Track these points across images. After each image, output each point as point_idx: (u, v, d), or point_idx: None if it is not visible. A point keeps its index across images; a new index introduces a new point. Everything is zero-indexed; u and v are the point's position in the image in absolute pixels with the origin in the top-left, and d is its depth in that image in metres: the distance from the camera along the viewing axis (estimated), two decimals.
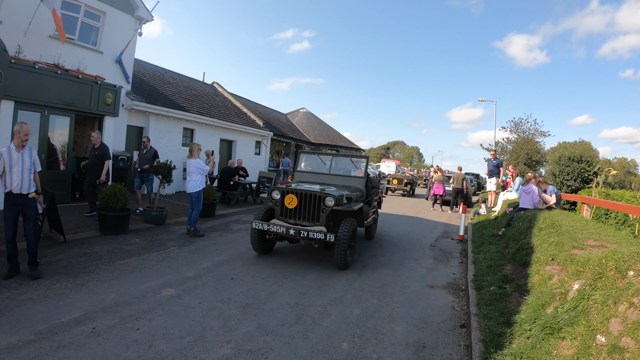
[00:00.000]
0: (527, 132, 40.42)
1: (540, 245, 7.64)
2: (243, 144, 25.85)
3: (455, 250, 11.55)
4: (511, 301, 6.18)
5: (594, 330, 3.92)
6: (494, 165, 19.39)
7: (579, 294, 4.66)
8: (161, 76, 23.32)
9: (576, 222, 8.90)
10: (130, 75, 16.58)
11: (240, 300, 6.34)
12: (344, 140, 42.39)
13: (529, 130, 40.36)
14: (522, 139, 40.24)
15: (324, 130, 42.41)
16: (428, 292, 7.60)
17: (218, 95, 28.86)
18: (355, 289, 7.37)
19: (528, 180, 12.20)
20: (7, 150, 6.63)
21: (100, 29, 15.19)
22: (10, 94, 11.31)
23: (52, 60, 12.64)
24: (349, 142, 42.62)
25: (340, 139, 41.95)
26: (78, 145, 14.92)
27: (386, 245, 11.54)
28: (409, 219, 17.56)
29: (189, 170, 10.80)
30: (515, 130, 41.13)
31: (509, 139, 41.45)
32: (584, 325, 4.07)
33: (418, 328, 5.82)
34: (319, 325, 5.64)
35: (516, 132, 41.08)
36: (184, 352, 4.61)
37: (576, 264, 5.50)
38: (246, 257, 9.11)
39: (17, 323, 4.96)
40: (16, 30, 12.03)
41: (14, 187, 6.58)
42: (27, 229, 6.82)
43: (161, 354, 4.52)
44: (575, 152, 24.49)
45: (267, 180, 18.44)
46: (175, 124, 19.33)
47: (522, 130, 40.79)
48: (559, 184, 22.01)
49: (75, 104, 13.24)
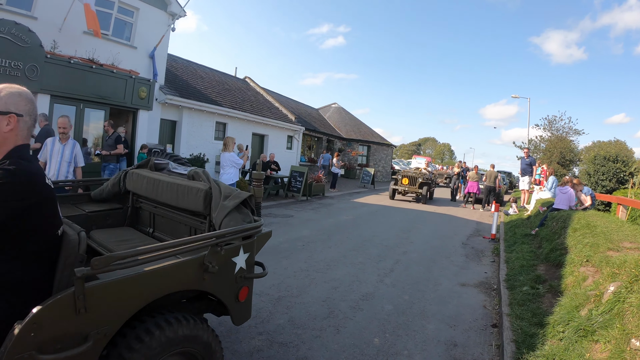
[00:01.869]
0: (560, 131, 39.77)
1: (574, 246, 7.54)
2: (275, 139, 25.97)
3: (487, 248, 11.44)
4: (544, 302, 6.11)
5: (629, 334, 3.84)
6: (526, 163, 19.18)
7: (614, 296, 4.58)
8: (194, 71, 23.53)
9: (611, 223, 8.74)
10: (160, 72, 16.71)
11: (272, 293, 6.36)
12: (376, 135, 42.18)
13: (562, 129, 39.69)
14: (555, 137, 39.54)
15: (355, 126, 42.27)
16: (460, 290, 7.54)
17: (250, 90, 28.99)
18: (387, 285, 7.35)
19: (565, 182, 12.05)
20: (51, 140, 6.94)
21: (134, 25, 15.43)
22: (46, 87, 11.60)
23: (86, 55, 12.87)
24: (381, 137, 42.40)
25: (371, 135, 41.76)
26: None
27: (418, 242, 11.47)
28: (439, 216, 17.45)
29: (223, 163, 10.88)
30: (549, 128, 40.42)
31: (542, 137, 40.80)
32: (618, 328, 4.00)
33: (449, 326, 5.78)
34: (351, 319, 5.63)
35: (550, 130, 40.41)
36: None
37: (612, 265, 5.42)
38: (277, 250, 9.13)
39: None
40: (51, 26, 12.30)
41: (50, 176, 6.71)
42: None
43: None
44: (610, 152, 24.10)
45: (298, 175, 18.47)
46: (208, 118, 19.48)
47: (555, 128, 40.10)
48: (594, 184, 21.68)
49: (109, 98, 13.51)
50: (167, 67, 18.05)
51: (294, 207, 16.21)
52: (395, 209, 18.58)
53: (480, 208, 21.73)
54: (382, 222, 14.30)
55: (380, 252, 9.86)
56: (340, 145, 37.87)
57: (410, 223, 14.57)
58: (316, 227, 12.33)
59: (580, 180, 13.15)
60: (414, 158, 51.02)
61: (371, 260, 9.01)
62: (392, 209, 18.30)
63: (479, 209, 21.35)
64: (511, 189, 37.67)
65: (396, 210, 18.11)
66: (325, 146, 34.92)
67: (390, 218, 15.44)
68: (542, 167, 20.57)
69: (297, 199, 18.22)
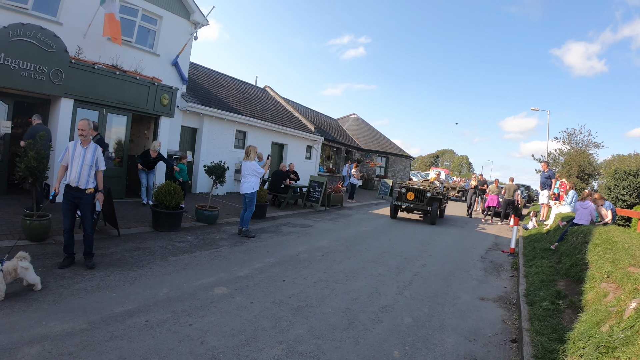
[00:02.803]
0: (580, 144, 39.41)
1: (595, 261, 7.47)
2: (294, 148, 26.06)
3: (506, 263, 11.36)
4: (564, 318, 6.06)
5: None
6: (545, 177, 19.03)
7: (636, 313, 4.54)
8: (215, 79, 23.72)
9: (632, 238, 8.65)
10: (186, 77, 16.87)
11: (291, 303, 6.37)
12: (394, 147, 42.18)
13: (582, 142, 39.33)
14: (574, 150, 39.22)
15: (374, 137, 42.32)
16: (479, 304, 7.49)
17: (270, 99, 29.15)
18: (407, 298, 7.32)
19: (586, 196, 11.95)
20: (73, 144, 7.00)
21: (157, 33, 15.65)
22: (70, 92, 11.77)
23: (110, 62, 13.07)
24: (399, 149, 42.38)
25: (390, 146, 41.76)
26: (134, 144, 15.27)
27: (436, 254, 11.43)
28: (458, 230, 17.37)
29: (244, 171, 10.94)
30: (568, 141, 40.10)
31: (561, 150, 40.48)
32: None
33: (469, 340, 5.74)
34: (370, 331, 5.61)
35: (569, 144, 40.07)
36: (235, 350, 4.65)
37: (633, 282, 5.38)
38: (297, 260, 9.14)
39: (71, 311, 5.13)
40: (76, 32, 12.51)
41: (71, 179, 6.88)
42: (84, 222, 7.07)
43: (213, 351, 4.57)
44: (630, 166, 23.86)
45: (317, 185, 18.47)
46: (228, 126, 19.61)
47: (575, 141, 39.75)
48: (614, 199, 21.49)
49: (132, 104, 13.66)
50: (189, 75, 18.23)
51: (312, 217, 16.23)
52: (412, 221, 18.59)
53: (498, 222, 21.61)
54: (400, 234, 14.26)
55: (399, 264, 9.83)
56: (358, 156, 37.89)
57: (428, 235, 14.53)
58: (335, 237, 12.32)
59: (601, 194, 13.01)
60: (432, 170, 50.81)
61: (390, 272, 8.99)
62: (410, 221, 18.31)
63: (497, 223, 21.24)
64: (529, 202, 37.38)
65: (414, 222, 18.09)
66: (344, 157, 34.96)
67: (408, 230, 15.38)
68: (560, 181, 20.41)
69: (316, 209, 18.23)
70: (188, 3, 16.37)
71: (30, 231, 7.92)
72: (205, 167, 12.52)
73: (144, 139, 15.32)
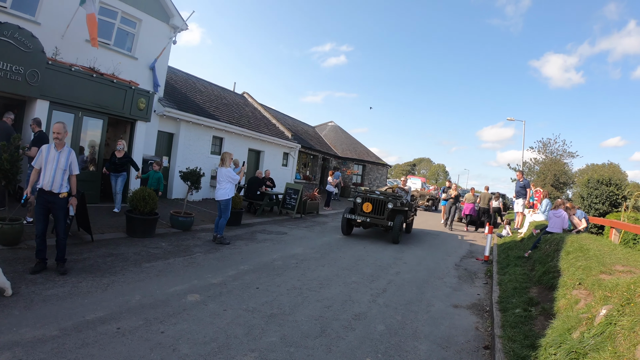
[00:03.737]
0: (555, 153, 39.98)
1: (567, 269, 7.55)
2: (271, 155, 25.98)
3: (480, 270, 11.45)
4: (536, 324, 6.12)
5: (621, 356, 3.87)
6: (520, 186, 19.22)
7: (606, 319, 4.59)
8: (193, 84, 23.63)
9: (604, 246, 8.77)
10: (161, 84, 16.80)
11: (264, 310, 6.35)
12: (371, 155, 42.34)
13: (557, 151, 39.92)
14: (549, 159, 39.77)
15: (351, 145, 42.43)
16: (452, 311, 7.53)
17: (248, 106, 29.09)
18: (380, 305, 7.34)
19: (558, 205, 12.09)
20: (46, 147, 6.92)
21: (136, 36, 15.54)
22: (46, 94, 11.61)
23: (87, 64, 12.90)
24: (376, 157, 42.55)
25: (367, 154, 41.92)
26: (110, 148, 15.09)
27: (411, 262, 11.47)
28: (433, 237, 17.50)
29: (219, 178, 10.91)
30: (544, 150, 40.68)
31: (536, 159, 41.03)
32: (610, 351, 4.02)
33: (442, 347, 5.77)
34: (343, 339, 5.61)
35: (544, 153, 40.64)
36: (207, 358, 4.62)
37: (604, 289, 5.43)
38: (271, 267, 9.12)
39: (43, 318, 5.06)
40: (54, 33, 12.38)
41: (44, 183, 6.80)
42: (57, 227, 6.99)
43: (185, 359, 4.54)
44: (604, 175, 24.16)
45: (293, 192, 18.46)
46: (205, 132, 19.53)
47: (550, 151, 40.34)
48: (587, 207, 21.75)
49: (108, 107, 13.53)
50: (167, 79, 18.13)
51: (288, 224, 16.20)
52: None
53: (473, 229, 21.80)
54: (376, 241, 14.30)
55: (373, 271, 9.85)
56: (335, 164, 37.94)
57: (403, 243, 14.58)
58: (310, 245, 12.32)
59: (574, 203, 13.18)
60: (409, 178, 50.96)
61: (364, 279, 9.01)
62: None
63: (472, 231, 21.41)
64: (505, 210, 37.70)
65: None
66: (320, 164, 34.98)
67: (383, 238, 15.40)
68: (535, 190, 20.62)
69: (292, 216, 18.21)
70: (168, 7, 16.31)
71: (2, 235, 7.80)
72: (180, 173, 12.45)
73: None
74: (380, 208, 14.45)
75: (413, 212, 18.16)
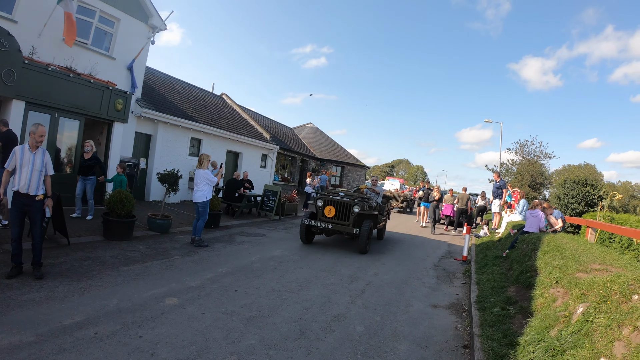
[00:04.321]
0: (532, 154, 40.38)
1: (544, 268, 7.61)
2: (249, 157, 25.93)
3: (458, 270, 11.52)
4: (515, 323, 6.16)
5: (598, 353, 3.92)
6: (496, 186, 19.41)
7: (583, 317, 4.64)
8: (171, 85, 23.47)
9: (580, 245, 8.86)
10: (139, 84, 16.65)
11: (243, 313, 6.32)
12: (350, 156, 42.45)
13: (534, 152, 40.32)
14: (526, 160, 40.14)
15: (330, 146, 42.52)
16: (431, 311, 7.57)
17: (226, 107, 29.00)
18: (359, 306, 7.35)
19: (535, 205, 12.21)
20: (20, 149, 6.75)
21: (114, 35, 15.35)
22: (22, 94, 11.39)
23: (64, 63, 12.73)
24: (355, 158, 42.66)
25: (345, 156, 42.04)
26: None
27: (390, 263, 11.51)
28: (412, 237, 17.57)
29: (197, 180, 10.84)
30: (521, 152, 41.06)
31: (514, 160, 41.41)
32: (587, 348, 4.07)
33: (421, 347, 5.79)
34: (323, 341, 5.61)
35: (521, 154, 41.03)
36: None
37: (580, 287, 5.48)
38: (250, 269, 9.09)
39: (19, 323, 4.98)
40: (31, 31, 12.14)
41: (21, 186, 6.67)
42: (33, 230, 6.89)
43: None
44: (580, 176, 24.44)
45: (272, 194, 18.45)
46: (183, 134, 19.42)
47: (527, 152, 40.72)
48: (564, 207, 21.94)
49: (85, 108, 13.35)
50: (145, 80, 17.95)
51: (266, 226, 16.15)
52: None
53: (452, 230, 21.93)
54: (354, 243, 14.28)
55: (352, 273, 9.86)
56: (314, 165, 37.95)
57: (382, 245, 14.63)
58: (288, 247, 12.30)
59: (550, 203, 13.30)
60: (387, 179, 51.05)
61: (343, 281, 9.02)
62: None
63: (450, 231, 21.54)
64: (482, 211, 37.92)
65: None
66: (299, 166, 34.96)
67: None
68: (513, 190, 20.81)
69: (270, 218, 18.18)
70: (147, 6, 16.16)
71: None
72: (158, 174, 12.32)
73: (96, 144, 14.99)
74: (344, 212, 12.47)
75: (385, 216, 16.40)
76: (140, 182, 16.97)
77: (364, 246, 12.23)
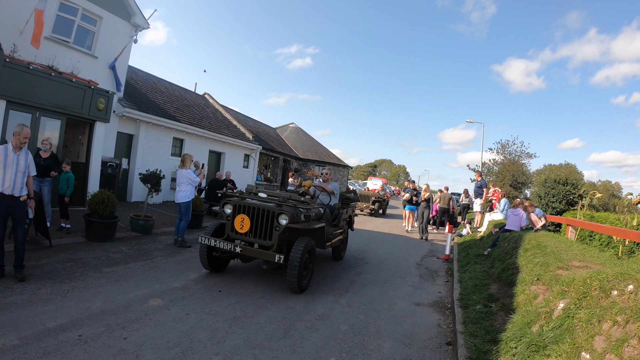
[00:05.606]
0: (513, 154, 40.67)
1: (525, 265, 7.70)
2: (232, 157, 25.86)
3: (440, 269, 11.59)
4: (497, 320, 6.23)
5: (579, 347, 4.00)
6: (477, 186, 19.55)
7: (564, 312, 4.71)
8: (154, 85, 23.35)
9: (561, 243, 8.97)
10: (121, 83, 16.52)
11: (227, 313, 6.33)
12: (332, 156, 42.52)
13: (515, 152, 40.61)
14: (508, 160, 40.43)
15: (312, 146, 42.53)
16: (414, 309, 7.62)
17: (209, 107, 28.92)
18: (343, 305, 7.39)
19: (517, 204, 12.32)
20: (3, 149, 6.60)
21: (96, 34, 15.17)
22: (3, 93, 11.17)
23: (46, 62, 12.54)
24: (337, 158, 42.75)
25: (328, 156, 42.08)
26: (68, 150, 14.77)
27: (372, 262, 11.57)
28: (394, 237, 17.62)
29: (179, 180, 10.79)
30: (502, 151, 41.33)
31: (495, 160, 41.67)
32: (569, 343, 4.14)
33: (405, 345, 5.84)
34: (307, 340, 5.64)
35: (503, 154, 41.30)
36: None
37: (561, 283, 5.55)
38: (234, 270, 9.08)
39: (1, 326, 4.94)
40: (12, 29, 11.97)
41: (5, 188, 6.55)
42: (16, 232, 6.82)
43: None
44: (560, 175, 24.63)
45: None
46: (166, 133, 19.32)
47: (508, 152, 41.00)
48: (544, 206, 22.10)
49: (67, 108, 13.14)
50: (127, 79, 17.77)
51: None
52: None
53: (434, 229, 22.03)
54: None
55: (335, 272, 9.92)
56: (296, 165, 37.92)
57: (364, 244, 14.67)
58: None
59: (532, 202, 13.42)
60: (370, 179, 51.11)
61: (326, 279, 9.07)
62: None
63: (432, 230, 21.64)
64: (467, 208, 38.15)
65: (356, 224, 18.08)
66: (281, 166, 34.93)
67: None
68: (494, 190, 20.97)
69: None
70: (130, 5, 16.02)
71: None
72: (140, 175, 12.25)
73: (78, 144, 14.88)
74: (264, 225, 7.68)
75: (343, 228, 11.31)
76: (122, 182, 16.85)
77: (295, 283, 7.49)
